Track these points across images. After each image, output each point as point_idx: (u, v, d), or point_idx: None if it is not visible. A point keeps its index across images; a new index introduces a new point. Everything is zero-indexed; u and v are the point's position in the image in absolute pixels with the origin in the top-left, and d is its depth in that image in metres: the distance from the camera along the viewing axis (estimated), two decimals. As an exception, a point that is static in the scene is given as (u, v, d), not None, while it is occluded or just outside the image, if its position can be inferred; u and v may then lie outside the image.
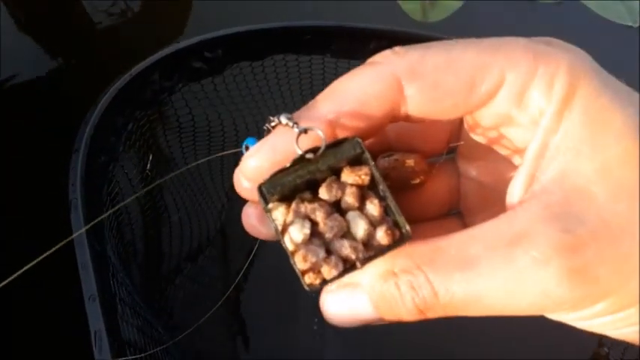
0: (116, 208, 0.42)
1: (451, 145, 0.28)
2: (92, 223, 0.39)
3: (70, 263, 0.40)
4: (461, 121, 0.27)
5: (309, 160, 0.22)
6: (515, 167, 0.25)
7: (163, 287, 0.51)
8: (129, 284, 0.44)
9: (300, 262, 0.22)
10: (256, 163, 0.23)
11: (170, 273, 0.51)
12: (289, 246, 0.22)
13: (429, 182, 0.28)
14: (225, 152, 0.28)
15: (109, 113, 0.44)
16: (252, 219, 0.26)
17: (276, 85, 0.53)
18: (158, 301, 0.49)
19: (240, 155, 0.25)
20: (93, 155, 0.43)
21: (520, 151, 0.24)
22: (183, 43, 0.47)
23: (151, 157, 0.44)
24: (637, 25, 0.66)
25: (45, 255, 0.24)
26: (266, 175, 0.22)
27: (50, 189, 0.48)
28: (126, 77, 0.44)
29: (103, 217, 0.44)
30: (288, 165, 0.22)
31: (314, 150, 0.22)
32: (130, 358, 0.37)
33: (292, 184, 0.23)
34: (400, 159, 0.26)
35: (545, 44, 0.23)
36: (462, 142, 0.27)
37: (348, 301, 0.23)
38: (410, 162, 0.26)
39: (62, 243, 0.25)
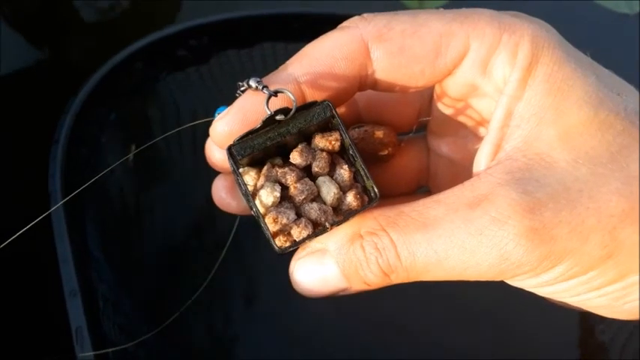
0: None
1: (420, 119, 0.28)
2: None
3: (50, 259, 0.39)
4: (430, 97, 0.27)
5: (279, 122, 0.22)
6: None
7: (149, 282, 0.50)
8: (112, 280, 0.44)
9: (270, 224, 0.22)
10: (225, 127, 0.23)
11: (156, 267, 0.50)
12: (260, 209, 0.22)
13: (398, 157, 0.28)
14: (197, 122, 0.27)
15: (90, 103, 0.43)
16: (221, 192, 0.26)
17: (264, 74, 0.52)
18: (143, 296, 0.48)
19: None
20: (74, 146, 0.42)
21: (487, 125, 0.24)
22: (166, 31, 0.46)
23: (134, 148, 0.43)
24: (634, 12, 0.65)
25: (13, 238, 0.24)
26: (236, 137, 0.22)
27: (31, 181, 0.47)
28: (107, 66, 0.43)
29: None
30: (258, 126, 0.22)
31: (284, 111, 0.22)
32: (108, 350, 0.36)
33: (262, 147, 0.22)
34: (369, 130, 0.27)
35: (511, 16, 0.23)
36: (429, 118, 0.28)
37: (317, 267, 0.23)
38: (379, 133, 0.27)
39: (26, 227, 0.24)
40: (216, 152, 0.25)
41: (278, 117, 0.22)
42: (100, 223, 0.44)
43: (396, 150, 0.28)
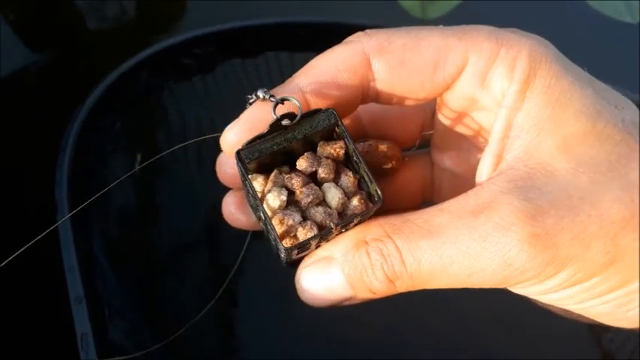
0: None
1: (424, 133, 0.29)
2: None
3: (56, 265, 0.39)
4: (433, 112, 0.28)
5: (285, 128, 0.23)
6: None
7: (155, 290, 0.50)
8: (118, 287, 0.44)
9: (277, 225, 0.23)
10: (234, 137, 0.24)
11: (161, 275, 0.51)
12: (267, 212, 0.23)
13: (402, 171, 0.29)
14: (205, 137, 0.28)
15: (96, 111, 0.43)
16: (231, 207, 0.28)
17: (269, 83, 0.52)
18: (149, 304, 0.48)
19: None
20: (80, 154, 0.42)
21: (488, 137, 0.24)
22: (172, 40, 0.46)
23: (139, 157, 0.44)
24: (636, 22, 0.66)
25: (20, 251, 0.24)
26: (244, 142, 0.23)
27: (37, 189, 0.47)
28: (114, 75, 0.44)
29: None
30: (265, 131, 0.23)
31: (290, 116, 0.23)
32: (115, 359, 0.36)
33: (270, 151, 0.23)
34: (374, 144, 0.28)
35: (509, 32, 0.23)
36: (431, 132, 0.28)
37: (322, 276, 0.24)
38: (383, 147, 0.27)
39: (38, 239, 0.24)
40: (226, 168, 0.26)
41: (284, 122, 0.23)
42: (106, 231, 0.44)
43: (400, 164, 0.29)
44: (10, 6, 0.59)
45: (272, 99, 0.23)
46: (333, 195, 0.24)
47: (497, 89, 0.23)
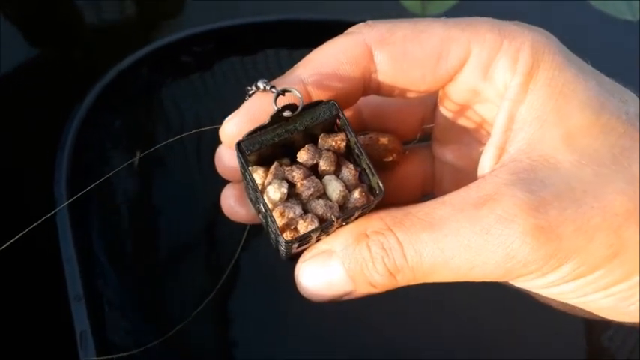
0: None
1: (425, 126, 0.29)
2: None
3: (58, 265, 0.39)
4: (434, 105, 0.27)
5: (286, 119, 0.23)
6: None
7: (155, 288, 0.50)
8: (117, 285, 0.44)
9: (277, 218, 0.22)
10: (234, 128, 0.24)
11: (162, 275, 0.51)
12: (267, 204, 0.23)
13: (403, 165, 0.29)
14: (203, 129, 0.28)
15: (95, 109, 0.43)
16: (230, 200, 0.27)
17: (268, 79, 0.52)
18: (149, 303, 0.48)
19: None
20: (79, 153, 0.42)
21: (490, 130, 0.24)
22: (171, 38, 0.46)
23: (139, 154, 0.44)
24: (636, 19, 0.65)
25: (13, 240, 0.24)
26: (244, 133, 0.23)
27: (37, 188, 0.47)
28: (112, 72, 0.44)
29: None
30: (266, 122, 0.23)
31: (291, 107, 0.23)
32: (114, 356, 0.36)
33: (270, 142, 0.23)
34: (374, 137, 0.27)
35: (512, 24, 0.23)
36: (432, 125, 0.28)
37: (322, 269, 0.24)
38: (384, 140, 0.27)
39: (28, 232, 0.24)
40: (225, 160, 0.26)
41: (285, 113, 0.23)
42: (106, 229, 0.44)
43: (401, 157, 0.28)
44: (10, 4, 0.59)
45: (273, 90, 0.23)
46: (334, 188, 0.24)
47: (500, 81, 0.23)
